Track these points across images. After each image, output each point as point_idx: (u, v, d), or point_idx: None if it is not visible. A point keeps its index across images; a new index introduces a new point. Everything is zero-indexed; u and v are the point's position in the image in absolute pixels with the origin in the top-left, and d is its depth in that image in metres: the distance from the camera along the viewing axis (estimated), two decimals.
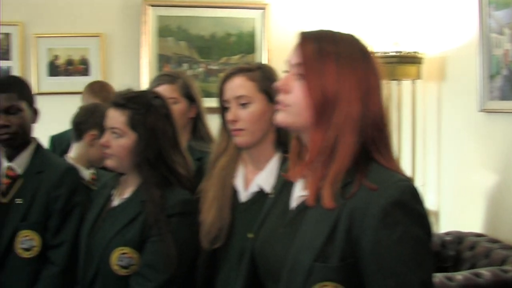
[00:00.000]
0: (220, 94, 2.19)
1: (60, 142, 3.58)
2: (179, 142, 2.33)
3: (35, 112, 2.54)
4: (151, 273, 2.13)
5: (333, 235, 1.42)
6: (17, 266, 2.39)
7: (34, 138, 2.55)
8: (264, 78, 2.16)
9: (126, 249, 2.16)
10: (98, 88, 3.79)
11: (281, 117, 1.54)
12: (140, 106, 2.24)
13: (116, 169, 2.30)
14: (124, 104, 2.25)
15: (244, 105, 2.12)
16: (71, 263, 2.37)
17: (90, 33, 4.72)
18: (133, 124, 2.23)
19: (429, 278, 1.42)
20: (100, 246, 2.21)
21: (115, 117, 2.25)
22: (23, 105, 2.45)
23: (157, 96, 2.35)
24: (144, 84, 4.53)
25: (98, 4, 4.74)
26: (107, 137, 2.27)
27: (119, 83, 4.49)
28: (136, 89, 2.36)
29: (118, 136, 2.24)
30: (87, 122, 2.82)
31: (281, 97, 1.53)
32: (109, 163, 2.29)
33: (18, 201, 2.41)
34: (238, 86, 2.14)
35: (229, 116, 2.14)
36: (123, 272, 2.16)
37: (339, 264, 1.41)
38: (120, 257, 2.16)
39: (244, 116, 2.12)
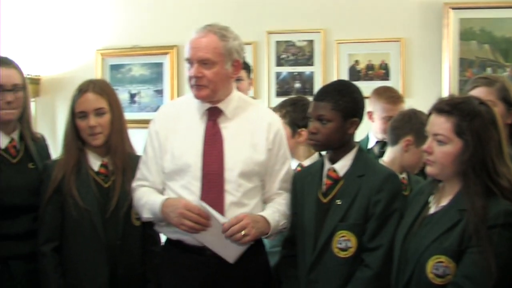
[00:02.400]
0: None
1: None
2: (505, 150, 2.24)
3: (353, 122, 2.54)
4: (469, 285, 2.07)
5: None
6: (332, 265, 2.46)
7: (356, 143, 2.62)
8: None
9: (442, 258, 2.13)
10: (383, 90, 3.86)
11: None
12: (466, 112, 2.19)
13: (437, 176, 2.27)
14: (450, 110, 2.21)
15: None
16: (385, 268, 2.38)
17: (390, 38, 4.77)
18: (459, 131, 2.18)
19: None
20: (416, 253, 2.20)
21: (440, 124, 2.23)
22: (335, 115, 2.50)
23: (482, 102, 2.27)
24: (445, 89, 4.45)
25: (398, 9, 4.77)
26: (430, 144, 2.26)
27: (419, 88, 4.59)
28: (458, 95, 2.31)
29: (443, 143, 2.21)
30: (404, 127, 2.83)
31: None
32: (430, 170, 2.27)
33: (338, 202, 2.49)
34: None
35: None
36: (438, 281, 2.14)
37: None
38: (436, 266, 2.14)
39: None
